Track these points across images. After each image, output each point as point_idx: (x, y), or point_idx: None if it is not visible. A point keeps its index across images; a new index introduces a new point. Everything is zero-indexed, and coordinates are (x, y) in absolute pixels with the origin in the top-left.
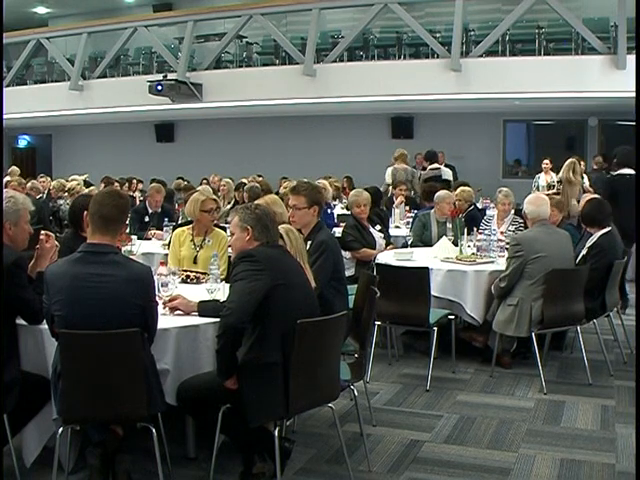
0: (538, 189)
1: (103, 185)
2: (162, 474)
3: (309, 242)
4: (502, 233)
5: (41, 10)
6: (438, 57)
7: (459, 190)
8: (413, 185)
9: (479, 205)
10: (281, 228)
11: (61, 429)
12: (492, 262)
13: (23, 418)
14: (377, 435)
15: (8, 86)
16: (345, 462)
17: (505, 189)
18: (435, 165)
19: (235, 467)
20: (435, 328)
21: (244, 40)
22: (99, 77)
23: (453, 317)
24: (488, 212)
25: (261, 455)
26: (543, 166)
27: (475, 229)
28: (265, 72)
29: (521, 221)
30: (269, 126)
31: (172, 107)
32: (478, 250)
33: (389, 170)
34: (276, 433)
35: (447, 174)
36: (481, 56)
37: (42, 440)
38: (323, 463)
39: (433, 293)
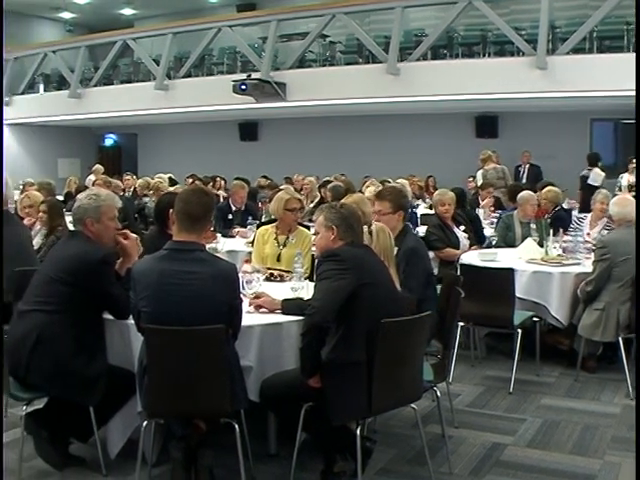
0: (620, 189)
1: (190, 182)
2: (244, 470)
3: (396, 248)
4: (588, 234)
5: (127, 11)
6: (523, 55)
7: (545, 190)
8: (506, 182)
9: (564, 206)
10: (373, 225)
11: (145, 422)
12: (578, 264)
13: (109, 411)
14: (459, 437)
15: (95, 86)
16: (426, 463)
17: (604, 190)
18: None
19: (316, 465)
20: (519, 330)
21: (327, 39)
22: (184, 77)
23: (538, 319)
24: (574, 213)
25: (342, 454)
26: (629, 166)
27: (561, 230)
28: (348, 71)
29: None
30: (352, 125)
31: (256, 106)
32: (564, 251)
33: (479, 173)
34: (358, 432)
35: (596, 179)
36: (568, 53)
37: (126, 433)
38: (404, 463)
39: (517, 294)
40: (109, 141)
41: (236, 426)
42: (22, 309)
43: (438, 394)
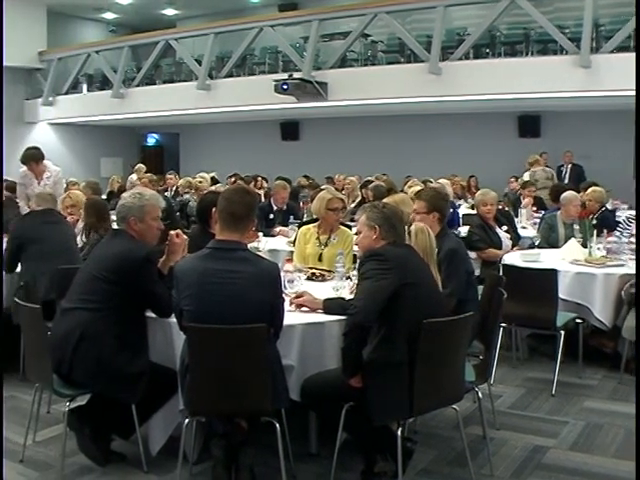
0: None
1: (232, 181)
2: (284, 469)
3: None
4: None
5: (169, 12)
6: (567, 53)
7: (590, 190)
8: (553, 184)
9: (608, 206)
10: (412, 226)
11: (187, 420)
12: (622, 265)
13: (151, 408)
14: (500, 439)
15: (138, 86)
16: (467, 465)
17: None
18: None
19: (357, 465)
20: (562, 331)
21: (369, 38)
22: (226, 76)
23: (581, 321)
24: (622, 213)
25: (383, 454)
26: None
27: (605, 231)
28: (390, 70)
29: None
30: (393, 124)
31: (297, 106)
32: (608, 252)
33: (527, 174)
34: (399, 433)
35: None
36: (612, 52)
37: (168, 430)
38: (445, 465)
39: (560, 296)
40: (151, 140)
41: (277, 425)
42: (65, 307)
43: (480, 395)
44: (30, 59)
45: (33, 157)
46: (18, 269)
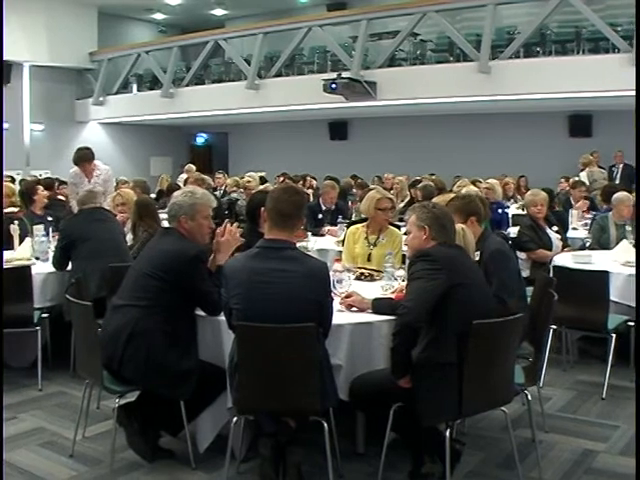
0: None
1: (281, 181)
2: (332, 468)
3: (477, 252)
4: None
5: (218, 12)
6: (619, 52)
7: None
8: None
9: None
10: (457, 226)
11: (235, 418)
12: None
13: (199, 406)
14: (549, 442)
15: (187, 86)
16: (516, 468)
17: None
18: None
19: (404, 465)
20: (613, 334)
21: (418, 37)
22: (274, 76)
23: (632, 323)
24: None
25: (431, 455)
26: None
27: None
28: (439, 70)
29: None
30: (442, 124)
31: (346, 105)
32: None
33: (583, 174)
34: (447, 434)
35: None
36: None
37: (216, 428)
38: (493, 467)
39: (612, 298)
40: (200, 140)
41: (325, 424)
42: (116, 304)
43: (529, 397)
44: (81, 59)
45: (85, 158)
46: (69, 267)
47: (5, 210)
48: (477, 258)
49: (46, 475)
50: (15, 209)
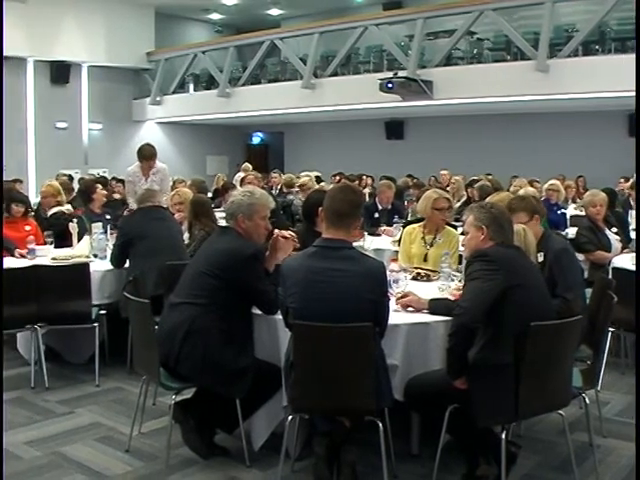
0: None
1: (337, 180)
2: (386, 468)
3: (540, 253)
4: None
5: (274, 12)
6: None
7: None
8: None
9: None
10: (516, 227)
11: (290, 417)
12: None
13: (255, 404)
14: (607, 447)
15: (243, 85)
16: (572, 472)
17: None
18: None
19: (458, 467)
20: None
21: (475, 36)
22: (330, 75)
23: None
24: None
25: (486, 457)
26: None
27: None
28: (496, 68)
29: None
30: (499, 123)
31: (402, 104)
32: None
33: None
34: (503, 436)
35: None
36: None
37: (271, 426)
38: (549, 471)
39: None
40: (256, 139)
41: (380, 424)
42: (173, 301)
43: (587, 401)
44: (138, 60)
45: (153, 154)
46: (126, 265)
47: (56, 209)
48: (541, 259)
49: (102, 469)
50: (63, 208)
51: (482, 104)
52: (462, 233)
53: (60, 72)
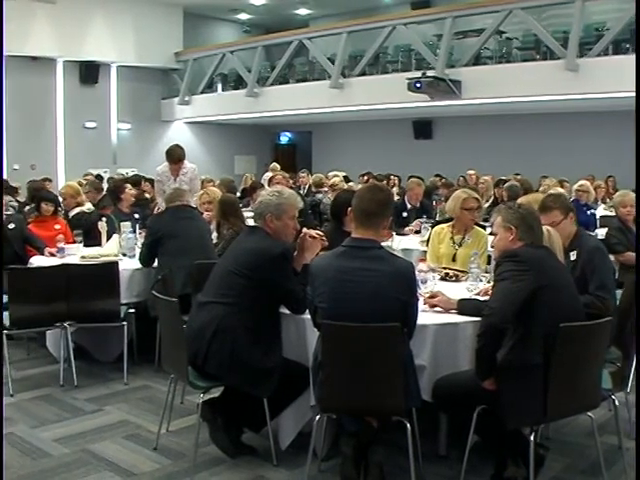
0: None
1: (365, 180)
2: (413, 469)
3: (573, 252)
4: None
5: (302, 11)
6: None
7: None
8: None
9: None
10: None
11: (318, 416)
12: None
13: (282, 403)
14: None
15: (271, 85)
16: (601, 475)
17: None
18: None
19: (486, 469)
20: None
21: (503, 35)
22: (359, 75)
23: None
24: None
25: (514, 459)
26: None
27: None
28: (525, 68)
29: None
30: (528, 123)
31: (430, 104)
32: None
33: None
34: (532, 438)
35: None
36: None
37: (298, 425)
38: (578, 474)
39: None
40: (284, 139)
41: (408, 425)
42: (202, 301)
43: (616, 403)
44: (167, 60)
45: (182, 156)
46: (155, 264)
47: (77, 209)
48: (574, 257)
49: (130, 467)
50: (83, 208)
51: (511, 104)
52: (491, 233)
53: (89, 72)
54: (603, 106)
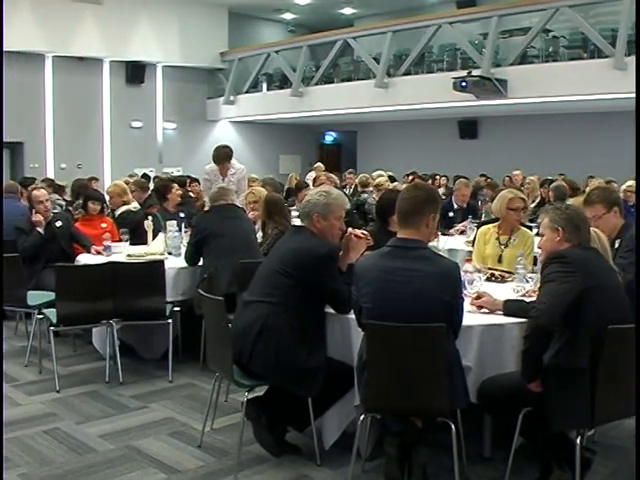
0: None
1: (410, 179)
2: (457, 471)
3: (617, 241)
4: None
5: (347, 11)
6: None
7: None
8: None
9: None
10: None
11: (362, 416)
12: None
13: (326, 402)
14: None
15: (316, 84)
16: None
17: None
18: None
19: (531, 472)
20: None
21: (550, 34)
22: (404, 74)
23: None
24: None
25: (559, 463)
26: None
27: None
28: (572, 67)
29: None
30: (575, 123)
31: (476, 103)
32: None
33: None
34: (578, 442)
35: None
36: None
37: (342, 425)
38: (624, 478)
39: None
40: (329, 138)
41: (452, 426)
42: (247, 300)
43: None
44: (212, 60)
45: (227, 157)
46: (200, 262)
47: (123, 208)
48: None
49: (174, 464)
50: (130, 207)
51: (557, 103)
52: (537, 234)
53: (135, 72)
54: None
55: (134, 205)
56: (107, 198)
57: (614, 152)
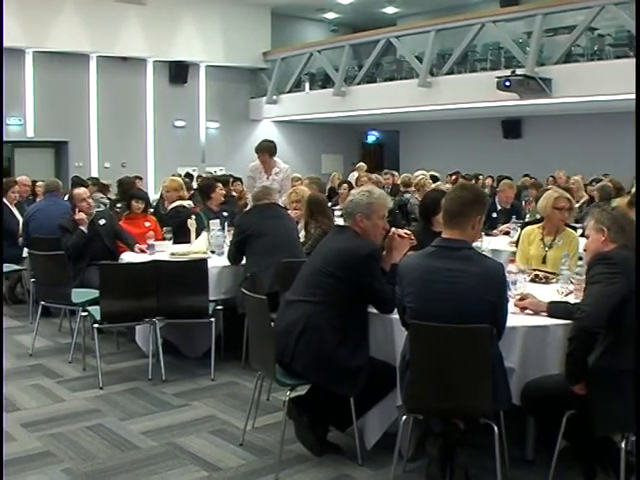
0: None
1: (453, 179)
2: (500, 473)
3: None
4: None
5: (390, 10)
6: None
7: None
8: None
9: None
10: None
11: (404, 417)
12: None
13: (368, 402)
14: None
15: (359, 84)
16: None
17: None
18: None
19: (574, 476)
20: None
21: (595, 32)
22: (447, 74)
23: None
24: None
25: (604, 467)
26: None
27: None
28: (619, 65)
29: None
30: (621, 122)
31: (520, 103)
32: None
33: None
34: (622, 446)
35: None
36: None
37: (384, 425)
38: None
39: None
40: (371, 138)
41: (495, 428)
42: (290, 299)
43: None
44: (255, 59)
45: (268, 149)
46: (243, 261)
47: (177, 203)
48: None
49: (216, 462)
50: (184, 202)
51: (603, 102)
52: (582, 235)
53: (178, 72)
54: None
55: (188, 202)
56: (158, 195)
57: None
